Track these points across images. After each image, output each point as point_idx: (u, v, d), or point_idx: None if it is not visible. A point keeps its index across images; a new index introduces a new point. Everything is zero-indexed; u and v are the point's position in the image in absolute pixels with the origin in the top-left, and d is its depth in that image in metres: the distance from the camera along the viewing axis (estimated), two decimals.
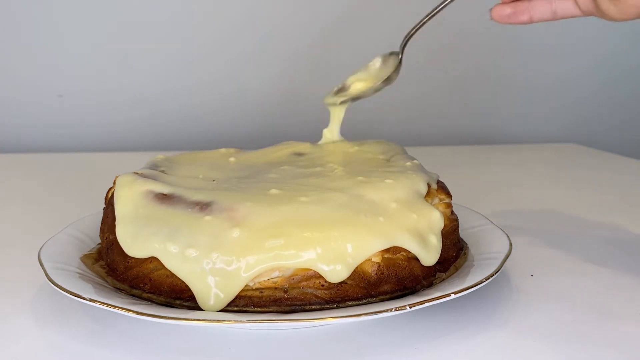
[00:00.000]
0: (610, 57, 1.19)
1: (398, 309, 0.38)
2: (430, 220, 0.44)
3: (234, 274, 0.40)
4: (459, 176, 0.74)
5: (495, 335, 0.41)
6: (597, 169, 0.95)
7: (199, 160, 0.57)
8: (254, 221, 0.41)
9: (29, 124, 1.06)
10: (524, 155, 1.06)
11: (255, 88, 1.10)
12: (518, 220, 0.65)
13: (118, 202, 0.46)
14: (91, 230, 0.53)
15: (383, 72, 0.61)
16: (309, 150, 0.58)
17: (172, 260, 0.41)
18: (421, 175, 0.48)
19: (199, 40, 1.08)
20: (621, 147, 1.14)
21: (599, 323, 0.43)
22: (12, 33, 1.03)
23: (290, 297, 0.41)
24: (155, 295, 0.42)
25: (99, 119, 1.08)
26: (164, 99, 1.09)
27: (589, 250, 0.57)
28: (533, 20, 0.52)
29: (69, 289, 0.40)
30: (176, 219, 0.42)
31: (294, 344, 0.40)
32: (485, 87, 1.17)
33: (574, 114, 1.21)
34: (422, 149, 0.98)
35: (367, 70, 0.62)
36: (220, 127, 1.11)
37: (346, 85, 0.62)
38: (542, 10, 0.52)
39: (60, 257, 0.46)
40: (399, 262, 0.43)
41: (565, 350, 0.39)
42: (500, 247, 0.48)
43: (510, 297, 0.47)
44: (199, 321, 0.37)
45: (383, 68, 0.61)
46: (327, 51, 1.11)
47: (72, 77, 1.06)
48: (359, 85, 0.61)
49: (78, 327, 0.42)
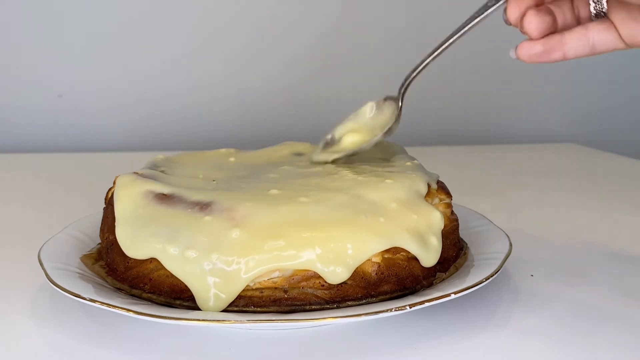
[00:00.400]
0: (611, 57, 1.19)
1: (398, 309, 0.38)
2: (431, 220, 0.44)
3: (233, 275, 0.40)
4: (459, 176, 0.74)
5: (495, 335, 0.41)
6: (597, 169, 0.95)
7: (199, 160, 0.57)
8: (254, 221, 0.41)
9: (29, 124, 1.06)
10: (524, 155, 1.06)
11: (255, 88, 1.10)
12: (518, 220, 0.65)
13: (118, 202, 0.46)
14: (91, 230, 0.53)
15: (377, 121, 0.53)
16: (309, 150, 0.58)
17: (172, 261, 0.41)
18: (421, 175, 0.48)
19: (199, 41, 1.08)
20: (621, 147, 1.14)
21: (599, 323, 0.43)
22: (12, 33, 1.03)
23: (290, 297, 0.40)
24: (155, 295, 0.42)
25: (99, 119, 1.08)
26: (164, 99, 1.09)
27: (589, 251, 0.57)
28: (567, 57, 0.44)
29: (69, 289, 0.40)
30: (176, 219, 0.42)
31: (294, 344, 0.40)
32: (485, 87, 1.17)
33: (574, 114, 1.21)
34: (422, 149, 0.98)
35: (358, 119, 0.54)
36: (220, 127, 1.11)
37: (335, 138, 0.54)
38: (578, 45, 0.44)
39: (60, 257, 0.46)
40: (399, 262, 0.43)
41: (565, 350, 0.39)
42: (500, 247, 0.48)
43: (510, 297, 0.47)
44: (199, 321, 0.37)
45: (377, 116, 0.54)
46: (328, 51, 1.11)
47: (72, 77, 1.06)
48: (351, 138, 0.54)
49: (78, 327, 0.42)
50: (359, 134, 0.53)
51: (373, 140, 0.52)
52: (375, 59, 1.11)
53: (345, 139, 0.54)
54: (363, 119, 0.54)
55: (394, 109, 0.53)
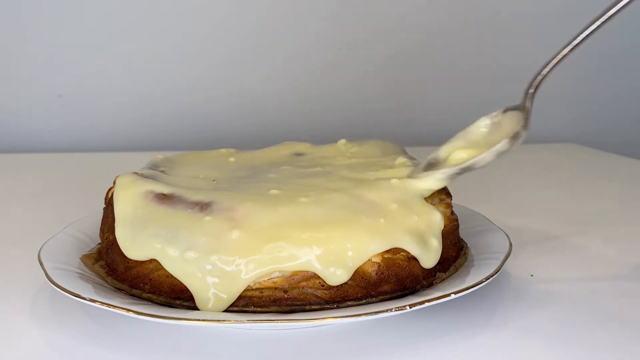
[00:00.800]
0: (611, 57, 1.19)
1: (398, 309, 0.38)
2: (431, 221, 0.44)
3: (233, 276, 0.40)
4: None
5: (495, 335, 0.41)
6: (597, 169, 0.95)
7: (199, 160, 0.57)
8: (254, 222, 0.41)
9: (29, 124, 1.06)
10: (524, 155, 1.06)
11: (255, 88, 1.10)
12: (518, 220, 0.65)
13: (117, 203, 0.46)
14: (91, 230, 0.53)
15: (495, 136, 0.44)
16: (309, 151, 0.58)
17: (171, 262, 0.41)
18: (421, 175, 0.48)
19: (199, 40, 1.08)
20: (621, 147, 1.14)
21: (599, 323, 0.43)
22: (12, 33, 1.03)
23: (290, 297, 0.40)
24: (155, 295, 0.42)
25: (99, 119, 1.08)
26: (164, 99, 1.09)
27: (589, 251, 0.57)
28: None
29: (69, 289, 0.40)
30: (176, 219, 0.42)
31: (294, 344, 0.40)
32: (485, 87, 1.17)
33: (574, 114, 1.21)
34: (422, 149, 0.98)
35: (468, 137, 0.45)
36: (220, 127, 1.11)
37: (440, 159, 0.46)
38: None
39: (60, 257, 0.46)
40: (399, 262, 0.42)
41: (565, 350, 0.39)
42: (500, 247, 0.48)
43: (510, 297, 0.47)
44: (199, 321, 0.37)
45: (495, 131, 0.45)
46: (328, 51, 1.10)
47: (72, 77, 1.06)
48: (460, 155, 0.45)
49: (78, 327, 0.42)
50: (472, 150, 0.44)
51: (496, 147, 0.42)
52: (375, 58, 1.11)
53: (453, 156, 0.45)
54: (475, 136, 0.45)
55: (518, 118, 0.45)
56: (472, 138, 0.45)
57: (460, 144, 0.45)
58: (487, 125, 0.45)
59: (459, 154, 0.45)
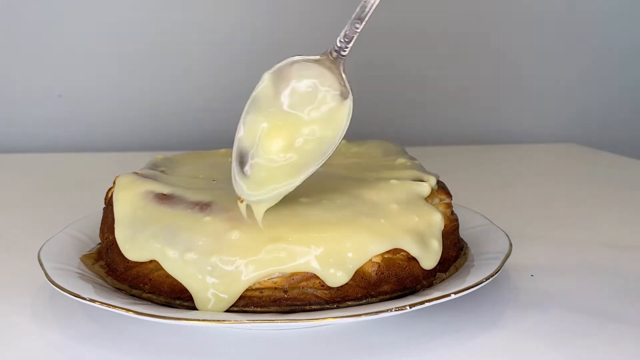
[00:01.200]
0: (611, 57, 1.19)
1: (398, 309, 0.38)
2: (432, 222, 0.44)
3: (234, 277, 0.40)
4: (459, 176, 0.74)
5: (495, 335, 0.41)
6: (597, 169, 0.95)
7: (199, 160, 0.57)
8: (254, 222, 0.41)
9: (29, 124, 1.06)
10: (524, 155, 1.06)
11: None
12: (518, 220, 0.65)
13: (117, 203, 0.46)
14: (91, 230, 0.53)
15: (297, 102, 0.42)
16: None
17: (171, 264, 0.41)
18: (422, 175, 0.48)
19: (199, 40, 1.08)
20: (621, 147, 1.14)
21: (599, 323, 0.43)
22: (12, 33, 1.03)
23: (290, 297, 0.40)
24: (155, 295, 0.42)
25: (99, 119, 1.08)
26: (164, 99, 1.09)
27: (589, 251, 0.57)
28: None
29: (69, 289, 0.40)
30: (176, 219, 0.42)
31: (294, 344, 0.40)
32: (485, 87, 1.17)
33: (573, 114, 1.21)
34: (422, 149, 0.98)
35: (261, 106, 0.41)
36: (220, 127, 1.10)
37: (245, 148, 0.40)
38: None
39: (60, 257, 0.46)
40: (399, 262, 0.42)
41: (566, 350, 0.39)
42: (500, 247, 0.48)
43: (510, 297, 0.47)
44: (199, 321, 0.37)
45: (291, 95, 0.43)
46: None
47: (72, 77, 1.06)
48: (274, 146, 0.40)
49: (78, 327, 0.42)
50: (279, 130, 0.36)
51: None
52: (375, 58, 1.11)
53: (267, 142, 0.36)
54: (267, 105, 0.38)
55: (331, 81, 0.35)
56: (264, 107, 0.39)
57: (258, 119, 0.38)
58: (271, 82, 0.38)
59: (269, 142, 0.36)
